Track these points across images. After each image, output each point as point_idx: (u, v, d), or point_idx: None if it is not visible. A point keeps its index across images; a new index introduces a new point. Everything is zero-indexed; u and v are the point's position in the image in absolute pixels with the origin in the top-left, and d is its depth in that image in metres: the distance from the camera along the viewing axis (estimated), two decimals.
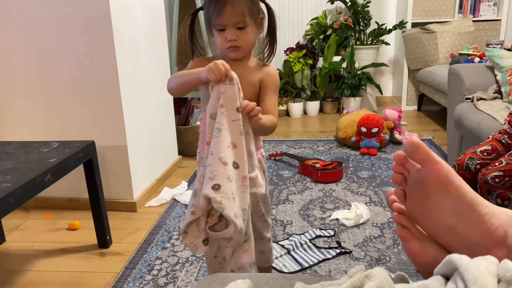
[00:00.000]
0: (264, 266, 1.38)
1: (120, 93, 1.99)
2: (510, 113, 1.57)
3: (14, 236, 1.95)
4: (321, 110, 4.18)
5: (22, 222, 2.06)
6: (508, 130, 1.51)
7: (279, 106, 3.96)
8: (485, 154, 1.50)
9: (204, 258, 1.66)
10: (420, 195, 0.62)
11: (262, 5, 1.17)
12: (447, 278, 0.50)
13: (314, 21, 4.13)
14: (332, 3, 3.99)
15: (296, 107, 4.03)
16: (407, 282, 0.56)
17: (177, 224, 1.97)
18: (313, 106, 4.09)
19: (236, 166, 1.03)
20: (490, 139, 1.55)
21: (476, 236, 0.58)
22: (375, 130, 2.82)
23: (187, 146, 2.94)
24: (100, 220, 1.78)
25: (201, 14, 1.20)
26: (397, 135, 3.01)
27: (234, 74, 1.02)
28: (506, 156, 1.38)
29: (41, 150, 1.58)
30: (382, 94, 4.09)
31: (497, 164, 1.37)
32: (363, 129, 2.84)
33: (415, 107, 4.10)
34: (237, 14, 1.07)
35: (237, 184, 1.02)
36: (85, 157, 1.63)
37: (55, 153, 1.53)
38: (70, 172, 1.54)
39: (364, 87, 3.94)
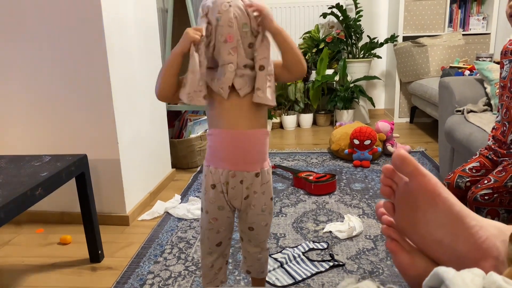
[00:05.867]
0: (259, 277, 1.38)
1: (113, 107, 1.99)
2: (493, 128, 1.59)
3: (5, 251, 1.93)
4: (314, 122, 4.21)
5: (13, 237, 2.04)
6: (493, 146, 1.53)
7: (272, 118, 3.98)
8: (474, 171, 1.52)
9: (197, 272, 1.65)
10: (408, 208, 0.63)
11: None
12: None
13: (307, 35, 4.17)
14: (324, 17, 4.04)
15: (289, 120, 4.05)
16: None
17: (170, 238, 1.96)
18: (307, 118, 4.11)
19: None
20: (478, 155, 1.58)
21: (464, 248, 0.58)
22: (367, 142, 2.84)
23: (181, 159, 2.94)
24: (92, 234, 1.77)
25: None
26: (389, 147, 3.03)
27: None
28: (494, 173, 1.40)
29: (33, 164, 1.57)
30: (374, 106, 4.12)
31: (485, 181, 1.39)
32: (356, 142, 2.86)
33: (407, 120, 4.13)
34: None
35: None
36: (77, 170, 1.63)
37: (46, 167, 1.53)
38: (62, 186, 1.53)
39: (356, 100, 3.97)
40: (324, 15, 4.02)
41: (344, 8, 3.94)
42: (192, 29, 1.10)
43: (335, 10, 3.97)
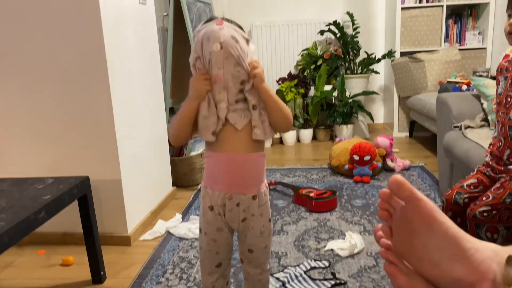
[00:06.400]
0: None
1: (114, 127, 2.02)
2: (490, 144, 1.61)
3: (7, 273, 1.93)
4: (314, 137, 4.23)
5: (15, 259, 2.05)
6: (490, 162, 1.55)
7: None
8: (472, 187, 1.53)
9: None
10: (405, 232, 0.64)
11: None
12: None
13: (305, 52, 4.23)
14: (322, 34, 4.10)
15: (289, 135, 4.07)
16: None
17: (172, 257, 1.96)
18: (306, 134, 4.14)
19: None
20: (475, 172, 1.59)
21: (461, 271, 0.59)
22: (367, 158, 2.85)
23: (181, 177, 2.95)
24: (94, 255, 1.77)
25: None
26: (389, 163, 3.04)
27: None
28: (492, 190, 1.41)
29: (36, 186, 1.59)
30: (373, 121, 4.14)
31: (484, 198, 1.40)
32: (356, 157, 2.87)
33: (407, 134, 4.16)
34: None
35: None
36: (80, 192, 1.64)
37: (49, 190, 1.54)
38: None
39: (355, 115, 4.00)
40: (322, 32, 4.08)
41: (341, 25, 4.00)
42: (200, 78, 1.12)
43: (332, 27, 4.03)
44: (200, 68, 1.14)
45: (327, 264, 1.81)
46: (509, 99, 1.51)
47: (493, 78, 2.47)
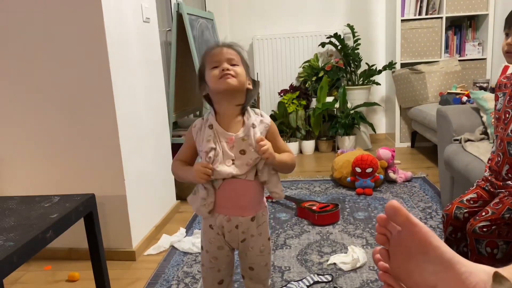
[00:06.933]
0: None
1: (119, 144, 2.05)
2: (489, 159, 1.63)
3: None
4: (316, 148, 4.25)
5: (22, 275, 2.07)
6: (489, 177, 1.57)
7: None
8: (472, 202, 1.55)
9: None
10: (402, 255, 0.67)
11: None
12: None
13: (307, 64, 4.27)
14: (323, 46, 4.14)
15: (291, 147, 4.10)
16: None
17: (176, 272, 1.98)
18: (309, 145, 4.16)
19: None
20: (475, 186, 1.61)
21: None
22: (369, 170, 2.87)
23: (185, 189, 2.98)
24: (100, 271, 1.79)
25: None
26: (391, 174, 3.06)
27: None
28: (491, 205, 1.44)
29: (43, 205, 1.62)
30: (375, 132, 4.17)
31: (483, 213, 1.42)
32: (358, 170, 2.90)
33: (409, 144, 4.17)
34: (230, 53, 1.17)
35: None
36: (85, 210, 1.67)
37: (56, 208, 1.57)
38: None
39: (357, 126, 4.03)
40: (323, 44, 4.12)
41: (342, 37, 4.04)
42: (201, 171, 1.16)
43: (333, 40, 4.07)
44: (205, 160, 1.19)
45: (329, 278, 1.83)
46: (507, 115, 1.54)
47: (493, 89, 2.50)
